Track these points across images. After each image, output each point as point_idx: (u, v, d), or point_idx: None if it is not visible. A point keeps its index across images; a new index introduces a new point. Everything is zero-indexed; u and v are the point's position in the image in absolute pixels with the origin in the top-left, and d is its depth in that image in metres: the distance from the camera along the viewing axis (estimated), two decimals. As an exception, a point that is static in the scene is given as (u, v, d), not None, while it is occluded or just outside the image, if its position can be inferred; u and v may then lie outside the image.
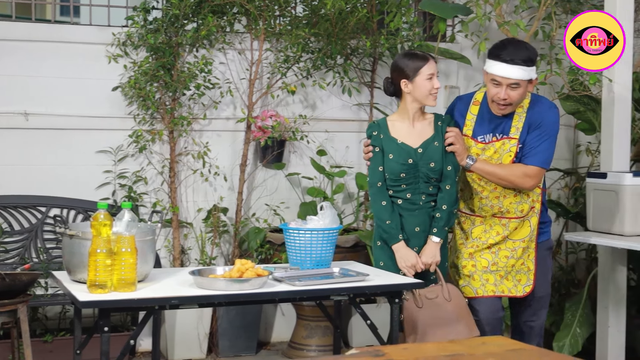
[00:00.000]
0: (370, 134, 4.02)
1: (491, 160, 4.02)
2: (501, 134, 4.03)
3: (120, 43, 5.58)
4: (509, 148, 3.99)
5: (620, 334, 4.88)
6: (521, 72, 3.85)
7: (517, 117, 4.01)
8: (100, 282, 3.31)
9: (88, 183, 5.57)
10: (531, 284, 4.12)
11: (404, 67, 3.91)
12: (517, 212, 4.07)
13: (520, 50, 3.88)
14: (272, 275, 3.65)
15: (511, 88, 3.88)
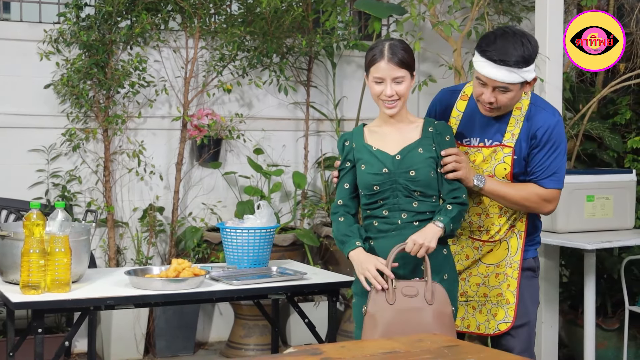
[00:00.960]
0: (341, 145, 3.25)
1: (479, 170, 3.31)
2: (491, 140, 3.32)
3: (52, 40, 5.49)
4: (503, 158, 3.30)
5: (553, 330, 4.96)
6: (511, 75, 3.14)
7: (514, 121, 3.30)
8: (34, 283, 3.27)
9: (20, 182, 5.47)
10: (510, 321, 3.35)
11: (365, 59, 3.19)
12: (495, 234, 3.36)
13: (513, 47, 3.14)
14: (209, 274, 3.64)
15: (499, 91, 3.19)
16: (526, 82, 3.18)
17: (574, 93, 5.87)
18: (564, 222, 4.69)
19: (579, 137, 5.69)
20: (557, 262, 4.99)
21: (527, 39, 3.17)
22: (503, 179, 3.29)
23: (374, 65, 3.15)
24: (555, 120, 3.29)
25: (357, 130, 3.25)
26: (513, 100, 3.22)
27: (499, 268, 3.36)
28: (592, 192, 4.78)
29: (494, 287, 3.36)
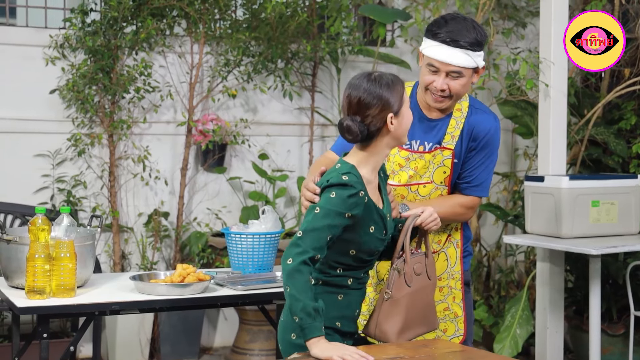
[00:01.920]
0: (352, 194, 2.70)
1: (419, 178, 3.18)
2: (431, 143, 3.20)
3: (57, 45, 5.50)
4: (442, 161, 3.18)
5: (558, 334, 4.96)
6: (466, 59, 3.05)
7: (454, 123, 3.19)
8: (39, 288, 3.27)
9: (25, 187, 5.48)
10: (462, 334, 3.25)
11: (390, 97, 2.76)
12: (434, 244, 3.23)
13: (465, 29, 3.05)
14: (213, 279, 3.64)
15: (452, 77, 3.08)
16: (477, 69, 3.10)
17: (579, 98, 5.87)
18: (569, 228, 4.69)
19: (584, 142, 5.69)
20: (562, 268, 4.99)
21: (477, 24, 3.10)
22: (440, 184, 3.18)
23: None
24: (495, 125, 3.22)
25: (358, 174, 2.77)
26: (464, 88, 3.10)
27: (442, 281, 3.23)
28: (597, 197, 4.78)
29: (439, 302, 3.21)
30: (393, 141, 2.82)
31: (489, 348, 5.42)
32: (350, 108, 2.77)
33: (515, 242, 5.08)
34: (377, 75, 2.78)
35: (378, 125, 2.76)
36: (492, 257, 6.13)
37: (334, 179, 2.72)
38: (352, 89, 2.77)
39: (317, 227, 2.67)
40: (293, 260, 2.63)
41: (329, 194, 2.71)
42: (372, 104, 2.74)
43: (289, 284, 2.63)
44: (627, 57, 5.84)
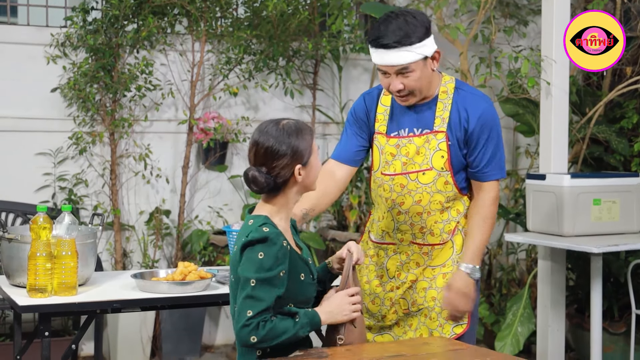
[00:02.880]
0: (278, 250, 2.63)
1: (413, 165, 3.14)
2: (421, 128, 3.16)
3: (59, 44, 5.50)
4: (437, 145, 3.12)
5: (560, 333, 4.96)
6: (404, 55, 3.00)
7: (441, 105, 3.14)
8: (40, 286, 3.27)
9: (27, 185, 5.48)
10: (465, 323, 3.17)
11: (297, 148, 2.69)
12: (442, 233, 3.18)
13: (396, 27, 3.00)
14: (215, 277, 3.64)
15: (402, 75, 3.04)
16: (426, 57, 3.03)
17: (581, 96, 5.87)
18: (571, 226, 4.68)
19: (586, 140, 5.68)
20: (563, 266, 4.99)
21: (412, 15, 3.04)
22: (442, 170, 3.11)
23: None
24: (486, 105, 3.16)
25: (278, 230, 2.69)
26: (421, 80, 3.06)
27: (445, 268, 3.18)
28: (599, 195, 4.78)
29: (442, 289, 3.16)
30: (302, 190, 2.77)
31: (491, 346, 5.42)
32: (257, 158, 2.69)
33: (517, 240, 5.08)
34: (286, 123, 2.70)
35: (286, 176, 2.69)
36: (493, 255, 6.13)
37: (254, 233, 2.62)
38: (260, 136, 2.69)
39: (263, 298, 2.59)
40: (256, 336, 2.58)
41: (256, 254, 2.60)
42: (279, 155, 2.67)
43: (269, 344, 2.60)
44: (629, 55, 5.84)
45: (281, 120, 2.73)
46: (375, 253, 3.30)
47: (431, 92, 3.15)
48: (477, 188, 3.21)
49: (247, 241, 2.63)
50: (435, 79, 3.15)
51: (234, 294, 2.71)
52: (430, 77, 3.11)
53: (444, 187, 3.14)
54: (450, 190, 3.16)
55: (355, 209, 5.93)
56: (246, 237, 2.64)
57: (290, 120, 2.74)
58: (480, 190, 3.19)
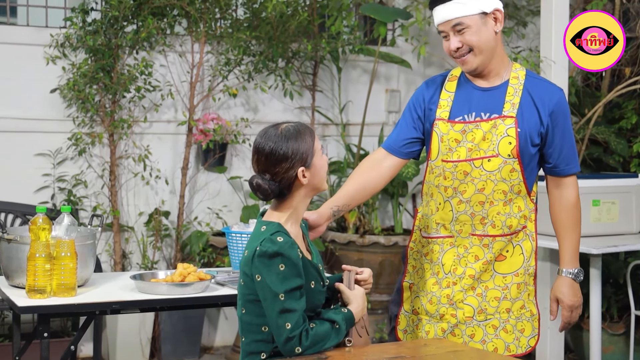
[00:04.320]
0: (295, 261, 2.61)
1: (478, 151, 2.98)
2: (489, 113, 3.01)
3: (58, 44, 5.50)
4: (505, 131, 2.96)
5: (559, 334, 4.96)
6: (460, 7, 2.93)
7: (512, 90, 3.00)
8: (40, 287, 3.27)
9: (26, 186, 5.48)
10: (536, 334, 3.09)
11: (297, 151, 2.65)
12: (504, 227, 3.02)
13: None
14: (214, 279, 3.64)
15: (459, 33, 2.96)
16: (484, 13, 2.95)
17: (580, 97, 5.87)
18: (570, 227, 4.68)
19: (585, 141, 5.68)
20: (562, 267, 4.98)
21: None
22: (508, 157, 2.97)
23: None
24: (560, 94, 3.04)
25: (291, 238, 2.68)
26: (481, 38, 2.96)
27: (519, 277, 3.06)
28: (598, 196, 4.78)
29: (516, 300, 3.06)
30: (311, 192, 2.74)
31: (490, 347, 5.41)
32: (260, 164, 2.67)
33: (516, 241, 5.07)
34: (285, 127, 2.67)
35: (290, 181, 2.67)
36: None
37: (268, 243, 2.60)
38: (261, 142, 2.67)
39: (296, 308, 2.61)
40: (301, 347, 2.59)
41: (277, 266, 2.58)
42: (280, 160, 2.64)
43: (312, 351, 2.61)
44: (628, 56, 5.84)
45: (281, 124, 2.71)
46: (429, 250, 3.13)
47: (499, 69, 3.04)
48: (556, 185, 3.10)
49: (263, 251, 2.61)
50: (503, 57, 3.06)
51: (245, 298, 2.70)
52: (494, 41, 3.00)
53: (509, 175, 2.99)
54: (516, 178, 3.00)
55: (354, 210, 5.93)
56: (261, 246, 2.62)
57: (290, 123, 2.72)
58: (561, 187, 3.09)
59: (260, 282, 2.61)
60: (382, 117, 6.52)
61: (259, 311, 2.67)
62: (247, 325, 2.71)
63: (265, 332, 2.67)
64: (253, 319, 2.69)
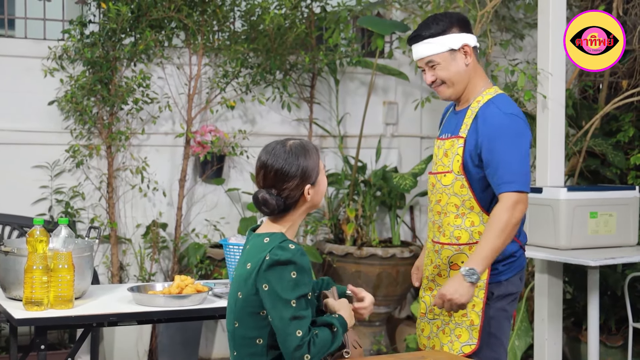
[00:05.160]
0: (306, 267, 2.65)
1: (441, 166, 3.27)
2: (450, 133, 3.31)
3: (56, 57, 5.51)
4: (457, 150, 3.22)
5: (557, 346, 4.95)
6: (429, 47, 3.22)
7: (470, 113, 3.25)
8: (37, 299, 3.27)
9: (24, 198, 5.47)
10: (474, 344, 3.19)
11: (306, 169, 2.70)
12: (452, 237, 3.24)
13: (426, 24, 3.25)
14: (212, 291, 3.63)
15: (432, 68, 3.25)
16: (452, 49, 3.21)
17: (577, 110, 5.88)
18: (567, 239, 4.69)
19: (582, 153, 5.69)
20: (560, 279, 4.99)
21: (444, 14, 3.26)
22: (458, 173, 3.20)
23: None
24: (500, 118, 3.16)
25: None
26: (450, 72, 3.23)
27: None
28: (596, 208, 4.78)
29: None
30: (309, 209, 2.78)
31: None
32: (267, 180, 2.68)
33: (514, 253, 5.06)
34: (293, 143, 2.70)
35: (296, 197, 2.70)
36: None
37: (280, 251, 2.62)
38: (268, 158, 2.69)
39: (306, 315, 2.62)
40: (309, 354, 2.59)
41: (289, 273, 2.60)
42: (289, 177, 2.67)
43: (317, 358, 2.61)
44: (625, 68, 5.85)
45: (287, 141, 2.73)
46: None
47: (470, 95, 3.28)
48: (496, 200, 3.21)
49: (275, 260, 2.61)
50: (480, 82, 3.28)
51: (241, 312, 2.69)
52: (465, 73, 3.25)
53: (460, 190, 3.21)
54: (466, 194, 3.21)
55: (352, 222, 5.93)
56: (271, 254, 2.62)
57: (295, 139, 2.75)
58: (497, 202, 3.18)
59: (267, 291, 2.61)
60: (380, 129, 6.53)
61: (255, 324, 2.67)
62: (240, 339, 2.70)
63: (259, 345, 2.67)
64: (248, 332, 2.68)
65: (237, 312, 2.70)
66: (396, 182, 5.81)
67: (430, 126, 6.69)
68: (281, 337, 2.60)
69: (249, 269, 2.67)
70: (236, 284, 2.73)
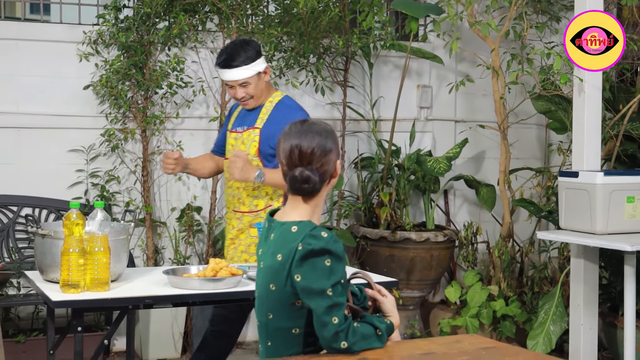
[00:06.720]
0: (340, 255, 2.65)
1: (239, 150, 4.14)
2: (247, 126, 4.19)
3: (91, 41, 5.54)
4: (253, 138, 4.13)
5: (592, 332, 4.92)
6: (244, 72, 4.08)
7: (265, 110, 4.18)
8: (73, 282, 3.30)
9: (60, 182, 5.52)
10: None
11: (336, 144, 2.78)
12: (251, 205, 4.16)
13: (237, 53, 4.09)
14: (246, 274, 3.64)
15: (243, 87, 4.11)
16: (259, 72, 4.12)
17: (614, 93, 5.81)
18: (604, 224, 4.64)
19: (619, 137, 5.63)
20: (596, 264, 4.94)
21: (247, 43, 4.14)
22: (254, 156, 4.11)
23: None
24: (296, 114, 3.95)
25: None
26: (257, 88, 4.14)
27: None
28: (633, 193, 4.73)
29: (253, 254, 4.09)
30: (330, 188, 2.81)
31: (522, 344, 5.39)
32: (303, 158, 2.68)
33: (549, 238, 5.04)
34: (317, 122, 2.74)
35: (330, 172, 2.74)
36: (525, 253, 6.09)
37: (313, 240, 2.61)
38: (301, 137, 2.69)
39: (342, 302, 2.62)
40: (346, 342, 2.59)
41: (322, 262, 2.59)
42: (327, 152, 2.70)
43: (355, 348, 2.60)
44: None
45: (306, 120, 2.74)
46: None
47: (263, 100, 4.21)
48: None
49: (309, 250, 2.60)
50: (269, 90, 4.24)
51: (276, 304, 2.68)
52: (265, 88, 4.19)
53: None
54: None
55: (386, 206, 5.91)
56: (304, 244, 2.61)
57: (312, 119, 2.77)
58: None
59: (302, 281, 2.60)
60: (414, 112, 6.50)
61: (291, 314, 2.66)
62: (274, 330, 2.69)
63: (295, 334, 2.66)
64: (284, 323, 2.68)
65: (270, 304, 2.69)
66: (430, 165, 5.79)
67: (465, 110, 6.65)
68: (318, 326, 2.60)
69: (280, 260, 2.65)
70: (266, 275, 2.70)
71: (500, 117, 5.82)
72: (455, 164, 6.30)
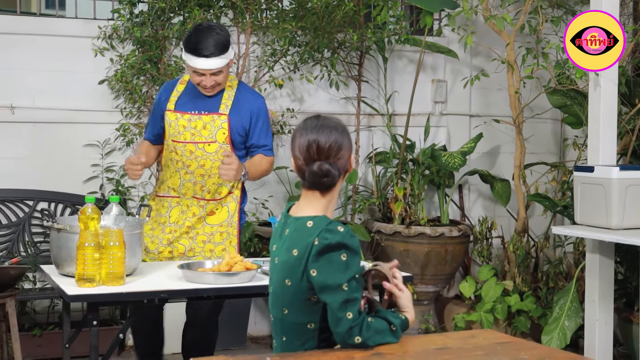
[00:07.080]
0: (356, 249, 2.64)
1: (200, 137, 4.09)
2: (207, 111, 4.12)
3: (106, 36, 5.55)
4: (220, 124, 4.09)
5: (608, 327, 4.90)
6: (220, 61, 4.00)
7: (227, 96, 4.16)
8: (89, 276, 3.31)
9: (75, 177, 5.54)
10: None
11: (350, 139, 2.79)
12: (215, 193, 4.16)
13: (213, 42, 3.97)
14: (261, 268, 3.65)
15: (214, 75, 4.03)
16: (230, 60, 4.06)
17: (630, 87, 5.78)
18: (619, 219, 4.62)
19: (635, 132, 5.60)
20: (612, 259, 4.92)
21: (219, 30, 4.03)
22: (223, 143, 4.10)
23: None
24: (260, 101, 4.23)
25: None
26: (226, 77, 4.11)
27: (222, 227, 4.18)
28: (648, 187, 4.70)
29: (218, 244, 4.16)
30: (343, 181, 2.79)
31: (537, 339, 5.37)
32: (321, 153, 2.67)
33: (564, 233, 5.02)
34: (330, 117, 2.75)
35: (345, 167, 2.74)
36: (540, 248, 6.07)
37: (329, 234, 2.61)
38: (319, 132, 2.68)
39: (357, 297, 2.61)
40: (360, 337, 2.58)
41: (339, 257, 2.59)
42: (343, 146, 2.70)
43: (369, 343, 2.60)
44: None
45: (320, 116, 2.75)
46: (160, 206, 4.22)
47: (225, 83, 4.16)
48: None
49: (325, 244, 2.59)
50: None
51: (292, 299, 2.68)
52: (228, 75, 4.15)
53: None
54: None
55: (400, 200, 5.90)
56: (320, 239, 2.60)
57: (324, 115, 2.77)
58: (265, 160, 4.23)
59: (318, 276, 2.59)
60: (429, 107, 6.49)
61: (307, 309, 2.66)
62: (290, 325, 2.69)
63: (310, 329, 2.67)
64: (299, 318, 2.68)
65: (286, 299, 2.69)
66: (445, 160, 5.78)
67: (480, 104, 6.63)
68: (333, 321, 2.59)
69: (296, 255, 2.64)
70: (281, 270, 2.70)
71: (515, 112, 5.80)
72: (470, 158, 6.29)
